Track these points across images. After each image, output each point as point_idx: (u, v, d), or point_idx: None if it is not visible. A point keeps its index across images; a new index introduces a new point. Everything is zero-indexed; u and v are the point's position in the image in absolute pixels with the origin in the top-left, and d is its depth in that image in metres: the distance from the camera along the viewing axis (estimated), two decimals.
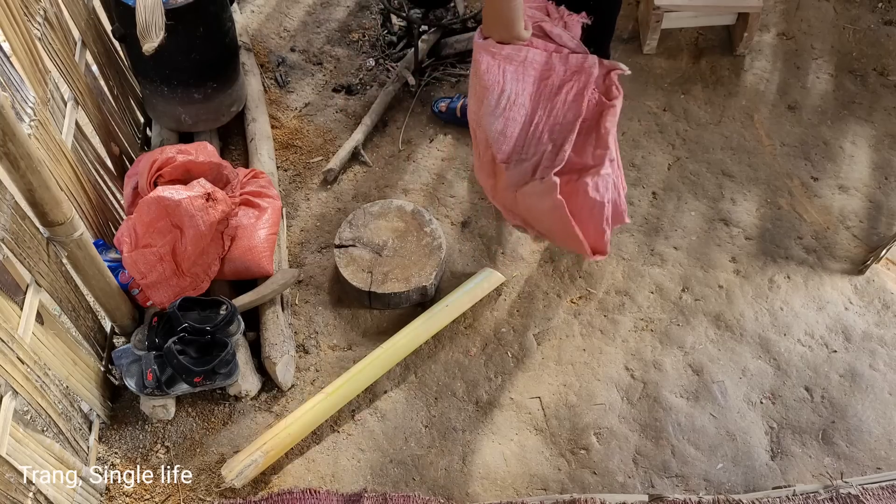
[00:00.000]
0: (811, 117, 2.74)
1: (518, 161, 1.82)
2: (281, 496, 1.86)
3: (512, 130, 1.80)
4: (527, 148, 1.82)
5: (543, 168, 1.82)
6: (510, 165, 1.82)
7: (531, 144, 1.82)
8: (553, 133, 1.83)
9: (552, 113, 1.82)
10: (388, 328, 2.21)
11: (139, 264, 2.01)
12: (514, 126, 1.80)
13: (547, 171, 1.81)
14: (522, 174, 1.82)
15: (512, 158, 1.82)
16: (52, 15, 1.96)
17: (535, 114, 1.80)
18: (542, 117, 1.81)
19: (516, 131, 1.80)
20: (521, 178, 1.82)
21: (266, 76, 2.82)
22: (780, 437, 2.04)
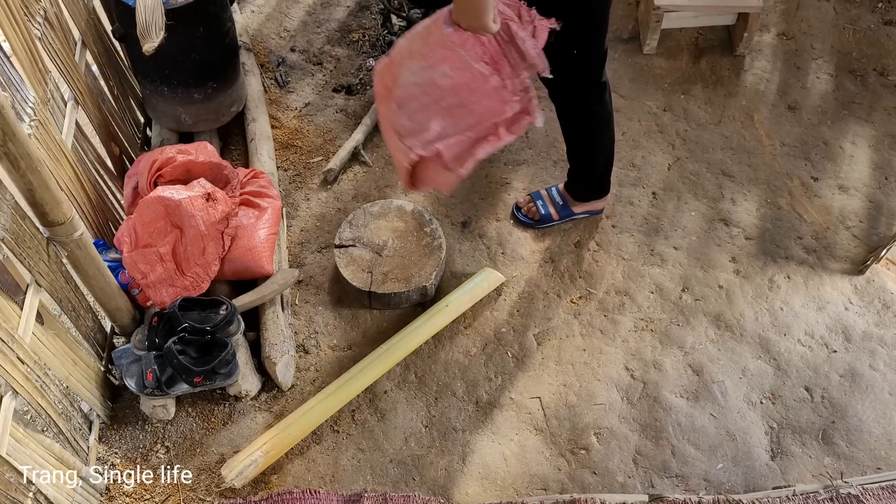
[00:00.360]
0: (811, 117, 2.74)
1: (405, 114, 1.83)
2: (281, 496, 1.86)
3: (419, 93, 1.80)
4: (415, 114, 1.83)
5: (413, 142, 1.86)
6: (398, 110, 1.83)
7: (419, 116, 1.84)
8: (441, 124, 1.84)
9: (454, 111, 1.83)
10: (388, 328, 2.21)
11: (139, 264, 2.01)
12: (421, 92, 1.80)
13: (413, 145, 1.85)
14: (399, 126, 1.85)
15: (403, 109, 1.83)
16: (52, 15, 1.96)
17: (441, 98, 1.81)
18: (442, 105, 1.81)
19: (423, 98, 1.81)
20: (395, 125, 1.85)
21: (266, 76, 2.82)
22: (780, 437, 2.04)
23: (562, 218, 2.42)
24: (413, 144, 1.86)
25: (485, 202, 2.51)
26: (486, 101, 1.78)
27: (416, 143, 1.86)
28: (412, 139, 1.86)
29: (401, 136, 1.87)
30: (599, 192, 2.39)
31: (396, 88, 1.81)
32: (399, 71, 1.80)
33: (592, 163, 2.28)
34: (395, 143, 1.90)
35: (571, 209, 2.41)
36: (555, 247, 2.40)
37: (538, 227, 2.43)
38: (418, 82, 1.79)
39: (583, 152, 2.27)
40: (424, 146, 1.85)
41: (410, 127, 1.85)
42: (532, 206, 2.43)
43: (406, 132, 1.87)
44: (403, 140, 1.87)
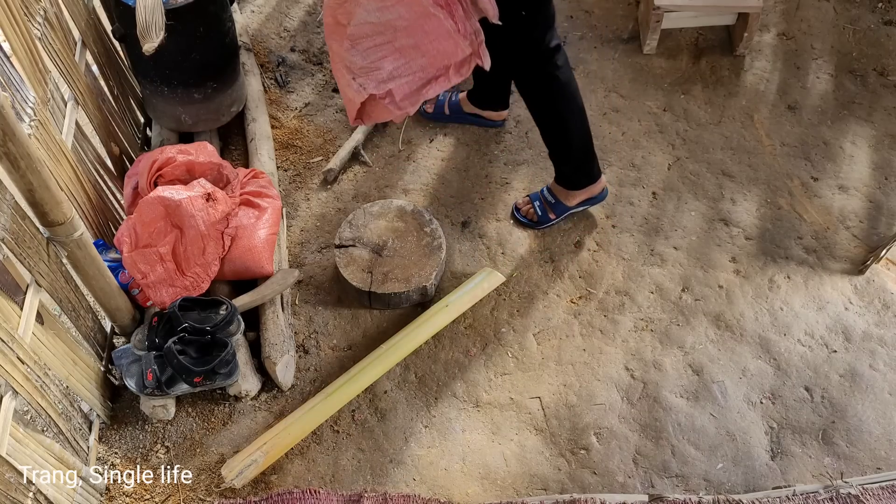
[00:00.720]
0: (811, 117, 2.74)
1: (358, 53, 1.85)
2: (281, 496, 1.86)
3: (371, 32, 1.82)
4: (368, 53, 1.85)
5: (365, 81, 1.89)
6: (351, 48, 1.85)
7: (373, 55, 1.86)
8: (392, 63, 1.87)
9: (406, 52, 1.86)
10: (388, 328, 2.21)
11: (139, 264, 2.01)
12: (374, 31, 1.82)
13: (366, 84, 1.89)
14: (351, 63, 1.88)
15: (357, 47, 1.85)
16: (52, 15, 1.96)
17: (393, 38, 1.83)
18: (396, 45, 1.84)
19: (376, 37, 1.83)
20: (348, 62, 1.88)
21: (266, 76, 2.82)
22: (780, 437, 2.04)
23: (559, 215, 2.40)
24: (365, 83, 1.88)
25: (485, 202, 2.51)
26: (439, 43, 1.83)
27: (369, 82, 1.88)
28: (365, 78, 1.88)
29: (353, 74, 1.89)
30: (589, 174, 2.32)
31: (350, 26, 1.83)
32: (354, 9, 1.82)
33: (567, 138, 2.22)
34: (347, 80, 1.91)
35: (566, 204, 2.37)
36: (555, 247, 2.40)
37: (538, 227, 2.42)
38: (373, 22, 1.81)
39: (554, 126, 2.20)
40: (377, 85, 1.88)
41: (363, 65, 1.87)
42: (529, 208, 2.42)
43: (358, 70, 1.88)
44: (356, 78, 1.88)
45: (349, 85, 1.91)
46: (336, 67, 1.95)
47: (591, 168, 2.31)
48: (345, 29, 1.84)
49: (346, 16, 1.84)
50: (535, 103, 2.18)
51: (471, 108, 2.64)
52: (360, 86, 1.88)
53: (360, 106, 1.93)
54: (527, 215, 2.43)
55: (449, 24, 1.79)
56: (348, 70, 1.89)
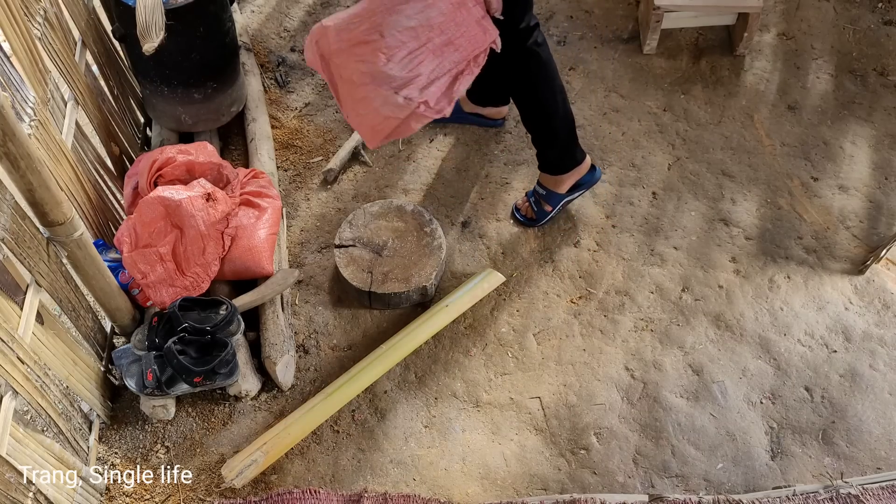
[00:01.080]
0: (811, 117, 2.74)
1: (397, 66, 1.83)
2: (281, 496, 1.86)
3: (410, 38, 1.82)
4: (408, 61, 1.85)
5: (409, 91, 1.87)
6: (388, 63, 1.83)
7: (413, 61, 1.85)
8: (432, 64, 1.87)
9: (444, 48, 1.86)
10: (388, 328, 2.21)
11: (139, 264, 2.01)
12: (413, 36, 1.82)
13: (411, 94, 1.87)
14: (390, 78, 1.85)
15: (393, 59, 1.83)
16: (52, 15, 1.96)
17: (431, 39, 1.83)
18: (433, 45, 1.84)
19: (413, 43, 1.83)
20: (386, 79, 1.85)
21: (266, 76, 2.82)
22: (780, 437, 2.04)
23: (555, 206, 2.39)
24: (410, 94, 1.86)
25: (485, 202, 2.51)
26: (469, 33, 1.85)
27: (413, 91, 1.86)
28: (407, 89, 1.86)
29: (395, 89, 1.86)
30: (574, 156, 2.29)
31: (386, 38, 1.81)
32: (387, 19, 1.80)
33: (552, 118, 2.19)
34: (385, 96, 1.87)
35: (558, 191, 2.35)
36: (555, 247, 2.40)
37: (538, 224, 2.42)
38: (413, 26, 1.81)
39: (538, 107, 2.18)
40: (420, 93, 1.87)
41: (403, 76, 1.86)
42: (527, 205, 2.42)
43: (400, 83, 1.86)
44: (399, 92, 1.86)
45: (389, 102, 1.87)
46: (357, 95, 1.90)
47: (575, 150, 2.29)
48: (375, 45, 1.82)
49: (375, 31, 1.82)
50: (518, 84, 2.17)
51: (471, 108, 2.64)
52: (405, 98, 1.86)
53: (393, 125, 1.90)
54: (525, 213, 2.43)
55: (477, 12, 1.83)
56: (387, 87, 1.86)
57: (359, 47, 1.84)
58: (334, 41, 1.87)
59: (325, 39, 1.88)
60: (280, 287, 2.13)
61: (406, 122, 1.90)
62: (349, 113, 1.96)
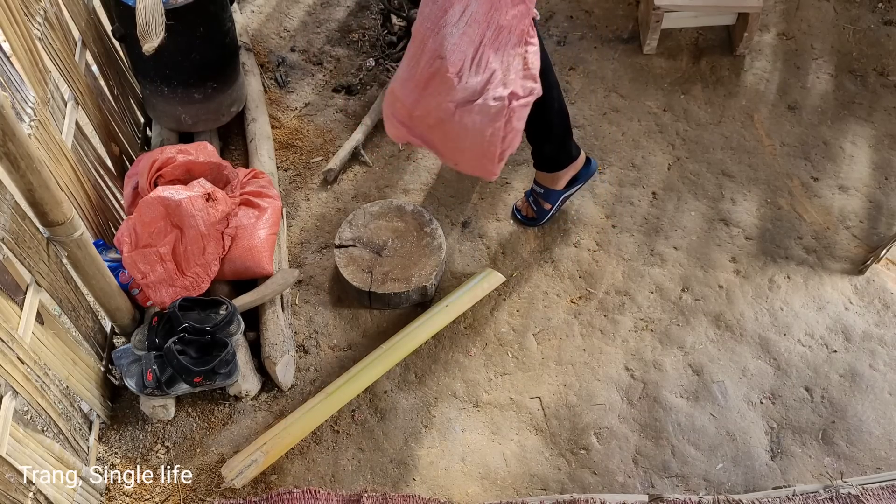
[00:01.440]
0: (811, 117, 2.74)
1: (469, 75, 1.81)
2: (281, 496, 1.86)
3: (467, 45, 1.80)
4: (476, 66, 1.83)
5: (494, 90, 1.83)
6: (461, 79, 1.81)
7: (481, 63, 1.84)
8: (497, 56, 1.85)
9: (498, 36, 1.83)
10: (388, 328, 2.21)
11: (139, 264, 2.01)
12: (468, 41, 1.80)
13: (498, 93, 1.83)
14: (472, 91, 1.82)
15: (463, 72, 1.82)
16: (52, 15, 1.96)
17: (483, 34, 1.82)
18: (488, 38, 1.82)
19: (471, 48, 1.81)
20: (469, 94, 1.82)
21: (266, 76, 2.82)
22: (780, 437, 2.04)
23: (554, 203, 2.38)
24: (497, 93, 1.82)
25: (485, 202, 2.51)
26: (510, 10, 1.81)
27: (497, 89, 1.83)
28: (491, 90, 1.82)
29: (483, 99, 1.82)
30: (569, 152, 2.29)
31: (445, 61, 1.77)
32: (437, 43, 1.77)
33: (548, 113, 2.15)
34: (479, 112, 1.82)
35: (556, 189, 2.35)
36: (555, 247, 2.40)
37: (539, 223, 2.42)
38: (463, 31, 1.78)
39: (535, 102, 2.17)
40: (504, 87, 1.83)
41: (482, 82, 1.82)
42: (527, 205, 2.42)
43: (482, 89, 1.82)
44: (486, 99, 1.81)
45: (483, 113, 1.82)
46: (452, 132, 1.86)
47: (570, 145, 2.29)
48: (441, 71, 1.79)
49: (435, 58, 1.79)
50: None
51: None
52: (496, 99, 1.82)
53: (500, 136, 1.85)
54: (525, 213, 2.43)
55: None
56: (473, 101, 1.82)
57: (429, 85, 1.81)
58: (405, 97, 1.84)
59: (398, 104, 1.86)
60: (280, 287, 2.13)
61: (509, 126, 1.86)
62: (456, 159, 1.93)
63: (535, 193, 2.39)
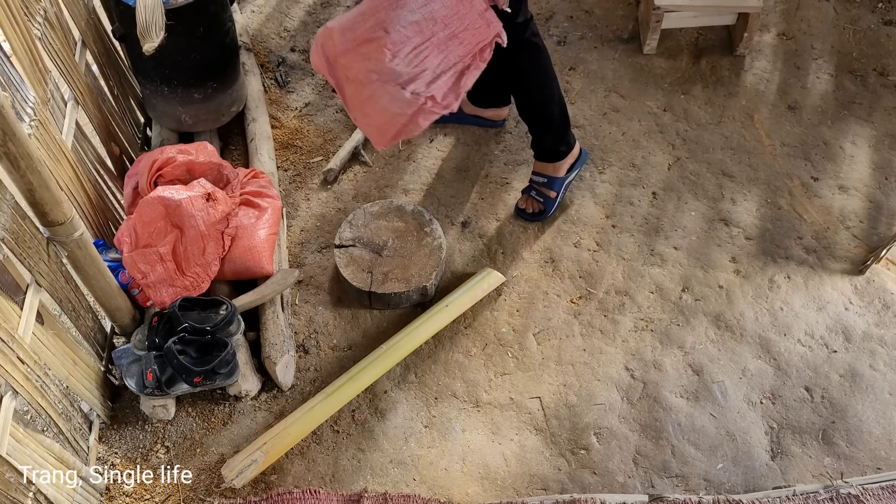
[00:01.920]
0: (811, 117, 2.74)
1: (403, 62, 1.83)
2: (281, 496, 1.86)
3: (414, 33, 1.82)
4: (413, 57, 1.85)
5: (416, 87, 1.86)
6: (393, 59, 1.83)
7: (419, 56, 1.85)
8: (437, 59, 1.87)
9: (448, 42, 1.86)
10: (388, 328, 2.21)
11: (139, 264, 2.01)
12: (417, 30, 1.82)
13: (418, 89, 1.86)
14: (396, 74, 1.85)
15: (399, 55, 1.83)
16: (52, 15, 1.96)
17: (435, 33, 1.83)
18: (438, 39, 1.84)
19: (417, 37, 1.83)
20: (393, 76, 1.85)
21: (266, 76, 2.82)
22: (780, 437, 2.04)
23: (559, 190, 2.41)
24: (417, 89, 1.86)
25: (485, 202, 2.51)
26: (472, 25, 1.84)
27: (420, 86, 1.86)
28: (414, 84, 1.86)
29: (402, 85, 1.86)
30: (568, 141, 2.37)
31: (391, 34, 1.80)
32: (391, 13, 1.80)
33: (549, 105, 2.25)
34: (393, 93, 1.86)
35: (558, 176, 2.39)
36: (555, 247, 2.40)
37: (547, 214, 2.43)
38: (417, 20, 1.81)
39: (537, 95, 2.24)
40: (426, 88, 1.87)
41: (410, 73, 1.85)
42: (530, 201, 2.43)
43: (407, 79, 1.86)
44: (406, 87, 1.85)
45: (396, 98, 1.87)
46: (364, 95, 1.90)
47: (568, 134, 2.37)
48: (380, 41, 1.82)
49: (379, 27, 1.82)
50: (518, 74, 2.20)
51: (472, 109, 2.64)
52: (412, 93, 1.86)
53: (401, 122, 1.91)
54: (532, 209, 2.44)
55: (479, 5, 1.83)
56: (394, 84, 1.86)
57: (364, 46, 1.84)
58: (339, 42, 1.86)
59: (330, 42, 1.88)
60: (280, 287, 2.13)
61: (413, 120, 1.90)
62: (356, 115, 1.96)
63: (538, 185, 2.41)
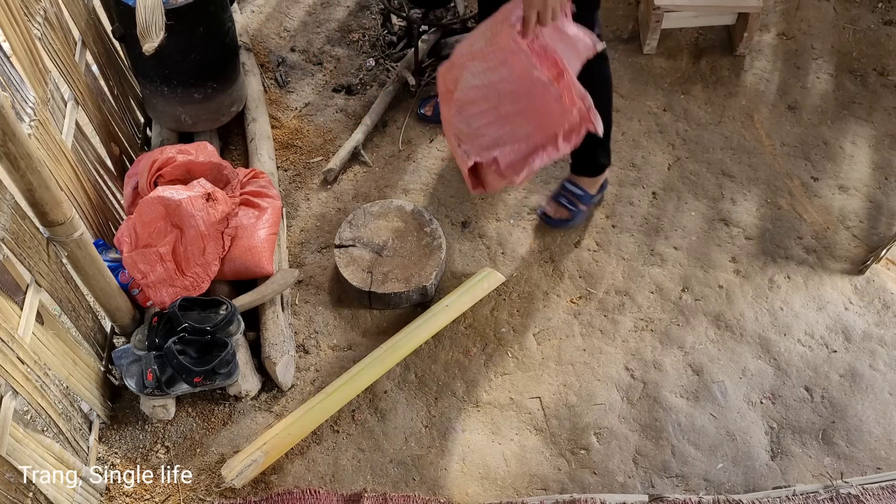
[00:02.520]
0: (811, 117, 2.74)
1: (464, 119, 1.84)
2: (281, 496, 1.86)
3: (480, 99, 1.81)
4: (473, 119, 1.86)
5: (469, 147, 1.89)
6: (458, 114, 1.85)
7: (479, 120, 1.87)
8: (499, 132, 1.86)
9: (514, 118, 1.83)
10: (388, 328, 2.21)
11: (139, 264, 2.01)
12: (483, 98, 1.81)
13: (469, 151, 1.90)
14: (455, 129, 1.88)
15: (463, 112, 1.85)
16: (52, 15, 1.97)
17: (499, 105, 1.82)
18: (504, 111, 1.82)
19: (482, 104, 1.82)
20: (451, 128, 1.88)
21: (266, 76, 2.82)
22: (780, 437, 2.04)
23: (588, 206, 2.41)
24: (469, 150, 1.88)
25: (485, 202, 2.51)
26: (545, 108, 1.76)
27: (472, 148, 1.88)
28: (468, 144, 1.88)
29: (459, 141, 1.87)
30: (609, 155, 2.35)
31: (457, 91, 1.81)
32: (461, 73, 1.79)
33: (608, 115, 2.17)
34: (454, 146, 1.92)
35: (592, 192, 2.38)
36: (555, 247, 2.40)
37: (573, 223, 2.41)
38: (479, 85, 1.78)
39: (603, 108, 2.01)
40: (480, 152, 1.88)
41: (467, 132, 1.86)
42: (560, 208, 2.39)
43: (463, 137, 1.88)
44: (461, 145, 1.88)
45: (456, 152, 1.92)
46: (447, 133, 1.96)
47: (609, 148, 2.34)
48: (452, 95, 1.83)
49: (453, 82, 1.83)
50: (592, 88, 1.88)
51: None
52: (464, 152, 1.89)
53: (471, 173, 1.93)
54: (559, 216, 2.40)
55: (554, 91, 1.72)
56: (455, 137, 1.89)
57: (446, 94, 1.86)
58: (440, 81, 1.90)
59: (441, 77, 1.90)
60: (280, 287, 2.13)
61: (485, 176, 1.93)
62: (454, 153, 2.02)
63: (573, 195, 2.38)
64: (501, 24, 1.71)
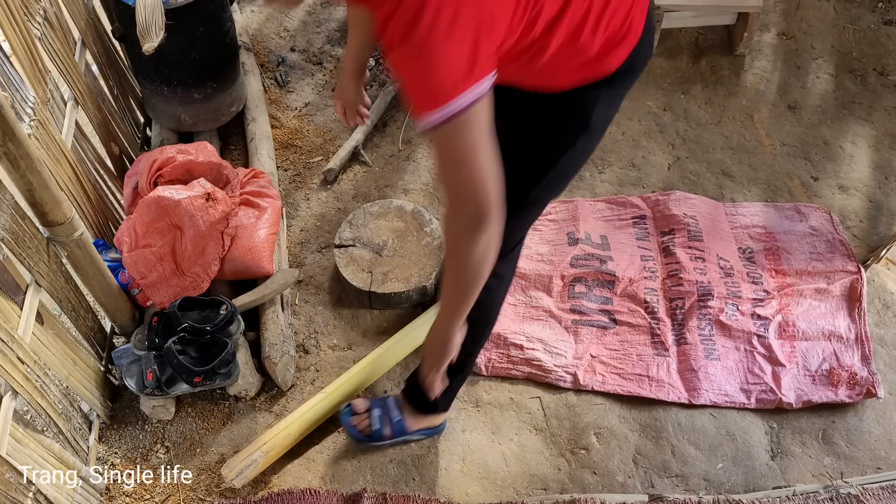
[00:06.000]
0: (811, 117, 2.74)
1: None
2: (281, 496, 1.86)
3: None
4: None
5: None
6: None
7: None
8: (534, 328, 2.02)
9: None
10: (388, 328, 2.21)
11: (139, 264, 2.01)
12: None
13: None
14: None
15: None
16: (52, 15, 1.96)
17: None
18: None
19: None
20: None
21: (266, 76, 2.82)
22: (780, 437, 2.04)
23: (394, 436, 1.93)
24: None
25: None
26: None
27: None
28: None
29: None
30: (449, 403, 1.92)
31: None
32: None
33: (471, 350, 1.70)
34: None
35: (408, 427, 1.93)
36: None
37: (365, 443, 1.94)
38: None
39: (477, 328, 1.58)
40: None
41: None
42: (365, 418, 1.93)
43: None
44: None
45: None
46: None
47: (455, 393, 1.92)
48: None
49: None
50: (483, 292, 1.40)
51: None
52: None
53: None
54: (358, 426, 1.93)
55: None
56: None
57: None
58: None
59: None
60: (280, 287, 2.13)
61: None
62: None
63: (389, 414, 1.92)
64: None
